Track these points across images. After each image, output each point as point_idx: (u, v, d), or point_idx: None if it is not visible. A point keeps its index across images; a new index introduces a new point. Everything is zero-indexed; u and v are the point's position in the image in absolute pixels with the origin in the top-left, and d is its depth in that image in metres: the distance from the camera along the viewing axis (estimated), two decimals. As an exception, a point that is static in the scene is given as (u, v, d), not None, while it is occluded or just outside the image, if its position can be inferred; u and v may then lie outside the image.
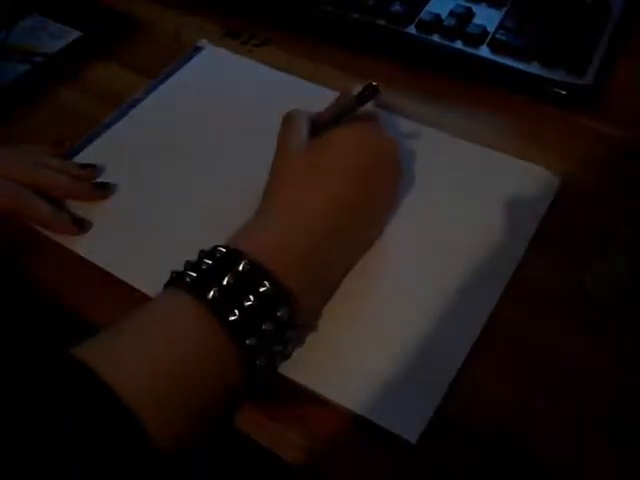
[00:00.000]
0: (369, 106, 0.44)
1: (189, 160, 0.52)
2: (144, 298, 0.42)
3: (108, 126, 0.54)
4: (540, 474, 0.36)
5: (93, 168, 0.51)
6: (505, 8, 0.58)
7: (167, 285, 0.37)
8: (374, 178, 0.43)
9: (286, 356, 0.39)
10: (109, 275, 0.45)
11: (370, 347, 0.41)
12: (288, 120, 0.45)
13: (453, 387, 0.39)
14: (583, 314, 0.41)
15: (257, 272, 0.36)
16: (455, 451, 0.37)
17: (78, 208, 0.49)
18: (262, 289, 0.36)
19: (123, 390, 0.31)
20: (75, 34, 0.62)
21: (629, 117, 0.52)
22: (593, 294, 0.42)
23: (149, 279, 0.39)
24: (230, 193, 0.48)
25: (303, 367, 0.40)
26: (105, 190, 0.49)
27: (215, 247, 0.38)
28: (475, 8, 0.58)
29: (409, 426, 0.37)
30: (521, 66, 0.54)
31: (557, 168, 0.49)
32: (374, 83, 0.42)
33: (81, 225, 0.47)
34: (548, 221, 0.46)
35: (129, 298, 0.43)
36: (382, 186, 0.44)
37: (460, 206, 0.47)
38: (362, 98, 0.42)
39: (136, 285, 0.44)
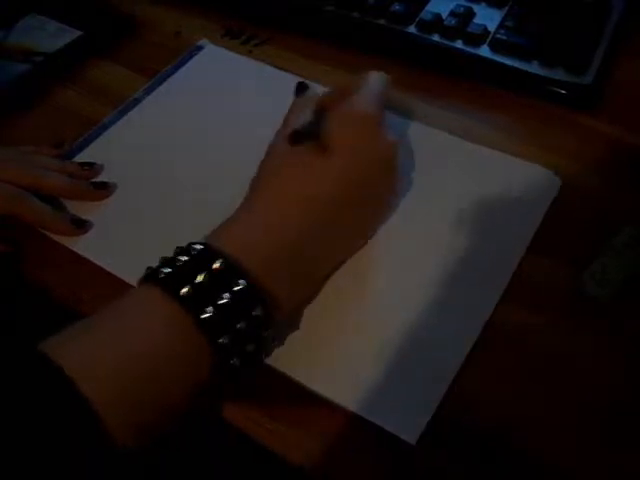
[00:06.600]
0: (373, 106, 0.43)
1: (189, 160, 0.52)
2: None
3: (108, 126, 0.55)
4: (540, 474, 0.36)
5: (92, 167, 0.51)
6: (506, 8, 0.58)
7: (141, 281, 0.37)
8: (362, 182, 0.42)
9: (265, 355, 0.39)
10: (109, 274, 0.45)
11: (370, 347, 0.41)
12: (293, 107, 0.45)
13: (453, 387, 0.39)
14: (583, 314, 0.41)
15: (232, 271, 0.35)
16: (455, 451, 0.37)
17: (78, 208, 0.49)
18: (237, 288, 0.35)
19: (85, 384, 0.30)
20: (75, 34, 0.62)
21: (629, 116, 0.52)
22: (593, 294, 0.42)
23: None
24: (230, 192, 0.48)
25: (303, 367, 0.40)
26: (105, 190, 0.49)
27: (190, 244, 0.37)
28: (476, 8, 0.58)
29: (409, 427, 0.37)
30: (521, 65, 0.54)
31: (557, 167, 0.49)
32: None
33: (81, 225, 0.47)
34: (548, 221, 0.46)
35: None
36: (371, 191, 0.43)
37: (460, 205, 0.47)
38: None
39: (135, 284, 0.44)
